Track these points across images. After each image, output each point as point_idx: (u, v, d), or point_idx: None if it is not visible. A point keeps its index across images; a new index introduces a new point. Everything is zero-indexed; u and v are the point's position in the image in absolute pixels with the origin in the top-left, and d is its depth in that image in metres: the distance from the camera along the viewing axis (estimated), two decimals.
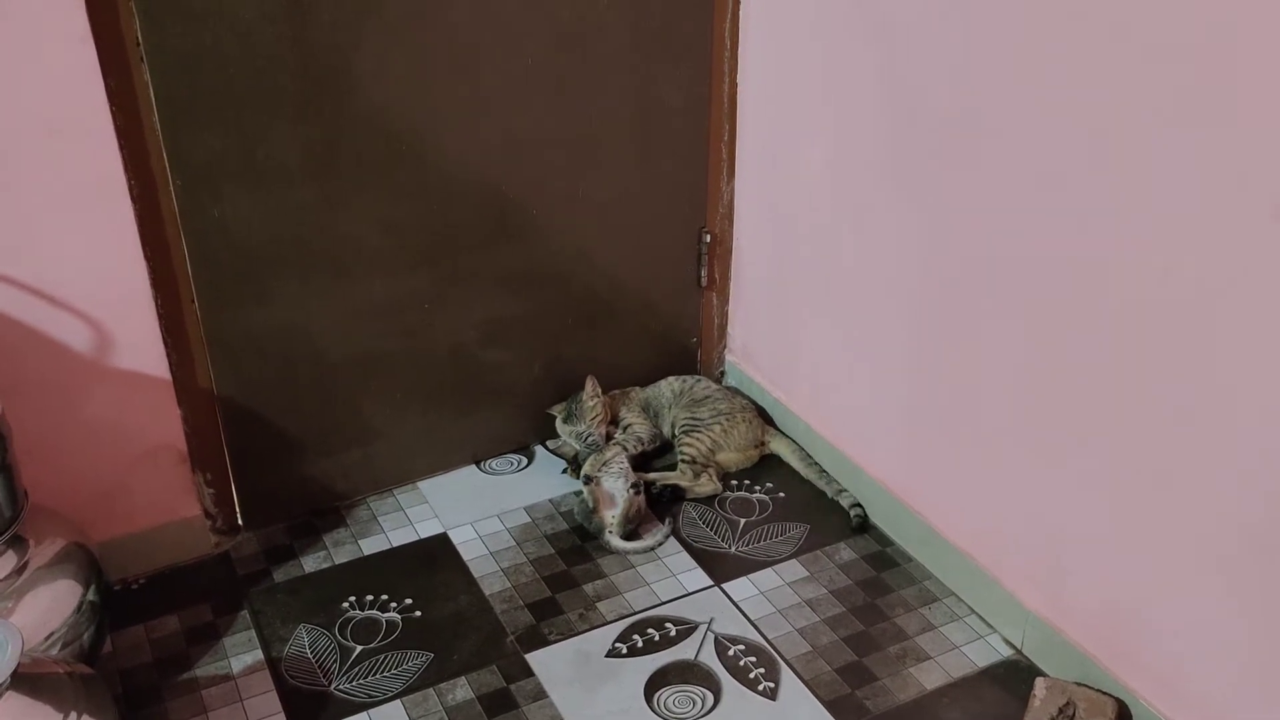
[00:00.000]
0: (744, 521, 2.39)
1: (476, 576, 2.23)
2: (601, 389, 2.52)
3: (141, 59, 1.89)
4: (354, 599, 2.17)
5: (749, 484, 2.51)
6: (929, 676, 2.00)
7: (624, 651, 2.05)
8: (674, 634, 2.09)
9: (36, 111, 1.82)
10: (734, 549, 2.31)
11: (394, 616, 2.13)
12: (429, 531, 2.35)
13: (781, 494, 2.47)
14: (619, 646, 2.07)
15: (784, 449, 2.54)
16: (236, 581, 2.22)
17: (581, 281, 2.52)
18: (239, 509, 2.32)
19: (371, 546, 2.31)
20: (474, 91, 2.21)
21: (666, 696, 1.96)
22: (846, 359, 2.37)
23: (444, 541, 2.33)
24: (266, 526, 2.36)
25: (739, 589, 2.20)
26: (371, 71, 2.09)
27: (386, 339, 2.33)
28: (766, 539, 2.34)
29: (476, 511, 2.41)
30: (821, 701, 1.94)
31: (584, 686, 1.98)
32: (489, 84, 2.22)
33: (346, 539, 2.33)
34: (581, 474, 2.38)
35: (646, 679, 1.99)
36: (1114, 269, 1.69)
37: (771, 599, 2.17)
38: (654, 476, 2.45)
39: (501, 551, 2.30)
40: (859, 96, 2.13)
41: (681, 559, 2.28)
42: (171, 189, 2.00)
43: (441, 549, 2.31)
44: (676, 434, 2.54)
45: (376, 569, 2.25)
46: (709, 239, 2.63)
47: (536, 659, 2.04)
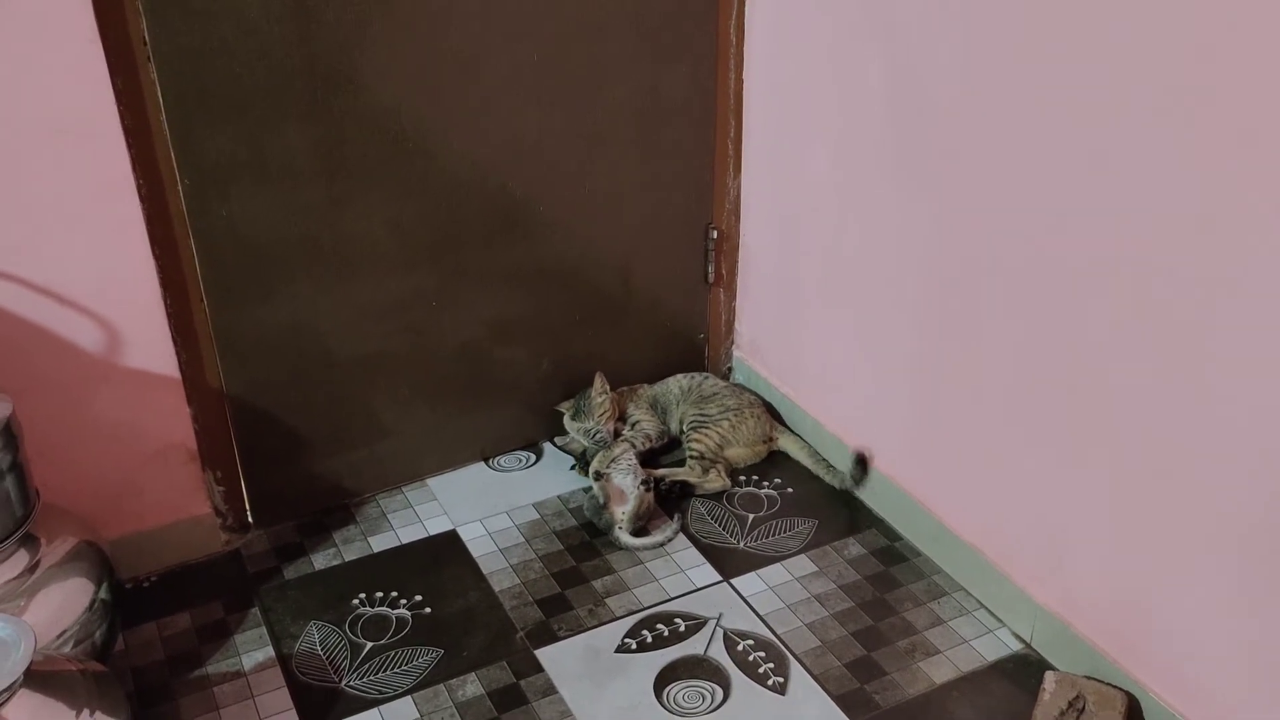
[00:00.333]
0: (752, 517, 2.39)
1: (486, 573, 2.23)
2: (609, 386, 2.53)
3: (149, 58, 1.90)
4: (364, 596, 2.18)
5: (757, 479, 2.51)
6: (938, 671, 2.00)
7: (633, 647, 2.06)
8: (683, 629, 2.10)
9: (44, 111, 1.83)
10: (742, 544, 2.31)
11: (404, 613, 2.14)
12: (438, 529, 2.36)
13: (790, 489, 2.47)
14: (628, 642, 2.07)
15: (791, 445, 2.55)
16: (247, 579, 2.23)
17: (588, 278, 2.52)
18: (249, 507, 2.33)
19: (381, 544, 2.32)
20: (480, 89, 2.21)
21: (676, 692, 1.96)
22: (854, 354, 2.37)
23: (453, 538, 2.33)
24: (276, 524, 2.36)
25: (748, 584, 2.20)
26: (378, 70, 2.10)
27: (394, 337, 2.34)
28: (775, 534, 2.34)
29: (485, 508, 2.42)
30: (831, 696, 1.95)
31: (593, 682, 1.98)
32: (495, 81, 2.22)
33: (356, 536, 2.34)
34: (591, 470, 2.39)
35: (656, 674, 1.99)
36: (1117, 267, 1.69)
37: (780, 594, 2.18)
38: (663, 472, 2.45)
39: (510, 548, 2.30)
40: (865, 92, 2.13)
41: (690, 555, 2.28)
42: (180, 188, 2.01)
43: (450, 546, 2.31)
44: (685, 430, 2.54)
45: (386, 566, 2.26)
46: (716, 235, 2.63)
47: (546, 655, 2.04)
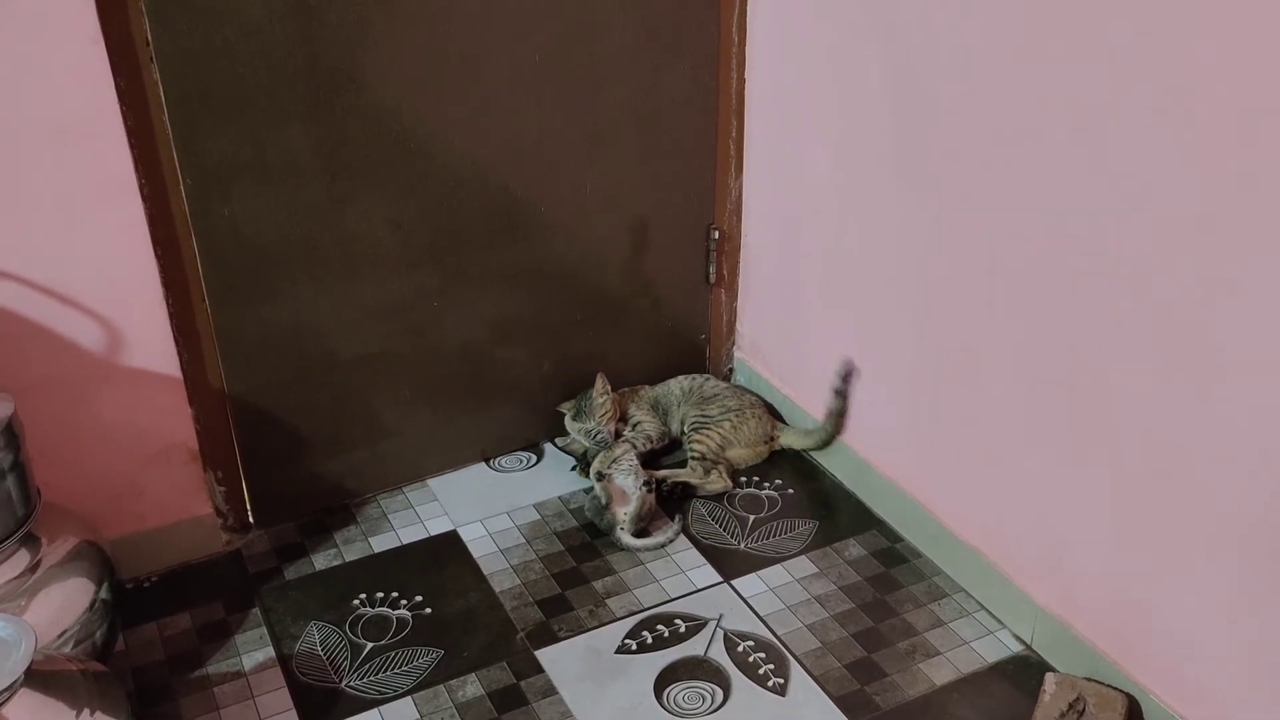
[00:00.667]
0: (753, 518, 2.39)
1: (486, 574, 2.23)
2: (611, 386, 2.53)
3: (151, 59, 1.90)
4: (364, 596, 2.18)
5: (758, 480, 2.51)
6: (939, 672, 2.00)
7: (634, 648, 2.06)
8: (683, 630, 2.10)
9: (47, 111, 1.83)
10: (743, 545, 2.31)
11: (404, 614, 2.14)
12: (439, 529, 2.36)
13: (791, 490, 2.47)
14: (629, 643, 2.07)
15: (792, 438, 2.54)
16: (248, 579, 2.23)
17: (590, 278, 2.52)
18: (250, 507, 2.33)
19: (382, 544, 2.32)
20: (482, 89, 2.21)
21: (676, 693, 1.96)
22: (855, 355, 2.36)
23: (454, 539, 2.33)
24: (277, 524, 2.37)
25: (748, 585, 2.20)
26: (380, 70, 2.10)
27: (396, 337, 2.34)
28: (776, 535, 2.34)
29: (486, 509, 2.42)
30: (831, 697, 1.95)
31: (594, 683, 1.98)
32: (496, 81, 2.22)
33: (357, 536, 2.34)
34: (593, 470, 2.38)
35: (656, 675, 1.99)
36: (1117, 268, 1.69)
37: (781, 595, 2.18)
38: (664, 474, 2.45)
39: (511, 549, 2.30)
40: (866, 92, 2.13)
41: (691, 555, 2.28)
42: (182, 188, 2.01)
43: (451, 546, 2.31)
44: (686, 431, 2.54)
45: (387, 566, 2.26)
46: (717, 235, 2.63)
47: (546, 655, 2.04)
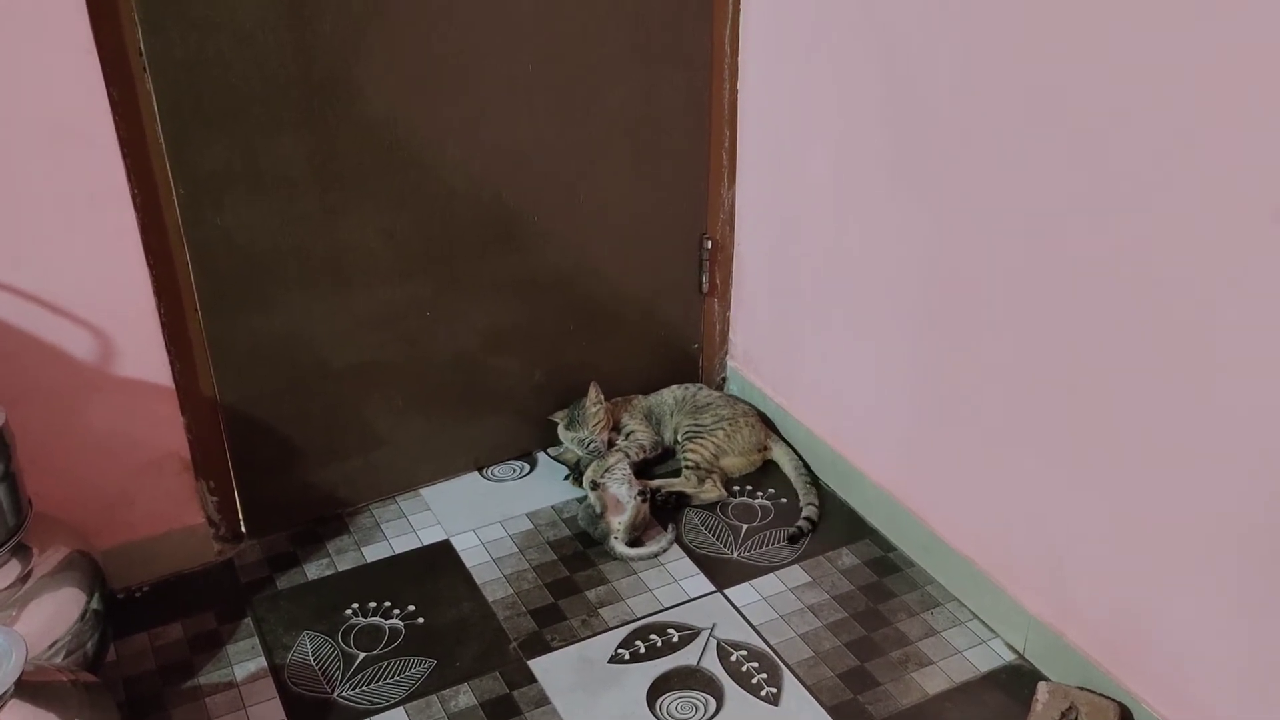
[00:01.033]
0: (746, 527, 2.39)
1: (479, 583, 2.23)
2: (604, 395, 2.53)
3: (144, 69, 1.90)
4: (357, 606, 2.17)
5: (751, 489, 2.51)
6: (931, 681, 2.00)
7: (626, 657, 2.06)
8: (676, 640, 2.10)
9: (40, 121, 1.83)
10: (736, 554, 2.31)
11: (397, 623, 2.13)
12: (431, 538, 2.36)
13: (783, 499, 2.47)
14: (621, 652, 2.07)
15: (782, 458, 2.54)
16: (239, 589, 2.22)
17: (583, 288, 2.52)
18: (242, 517, 2.32)
19: (374, 553, 2.31)
20: (475, 100, 2.22)
21: (669, 702, 1.96)
22: (848, 364, 2.37)
23: (446, 548, 2.33)
24: (269, 534, 2.36)
25: (741, 594, 2.20)
26: (373, 80, 2.10)
27: (389, 347, 2.34)
28: (769, 544, 2.34)
29: (479, 518, 2.42)
30: (824, 707, 1.94)
31: (587, 692, 1.98)
32: (490, 92, 2.22)
33: (349, 546, 2.34)
34: (586, 479, 2.38)
35: (649, 685, 1.99)
36: (1115, 273, 1.69)
37: (774, 604, 2.18)
38: (658, 483, 2.45)
39: (504, 558, 2.30)
40: (860, 102, 2.14)
41: (684, 565, 2.28)
42: (174, 198, 2.01)
43: (444, 556, 2.31)
44: (680, 440, 2.54)
45: (379, 576, 2.26)
46: (710, 245, 2.64)
47: (539, 665, 2.04)
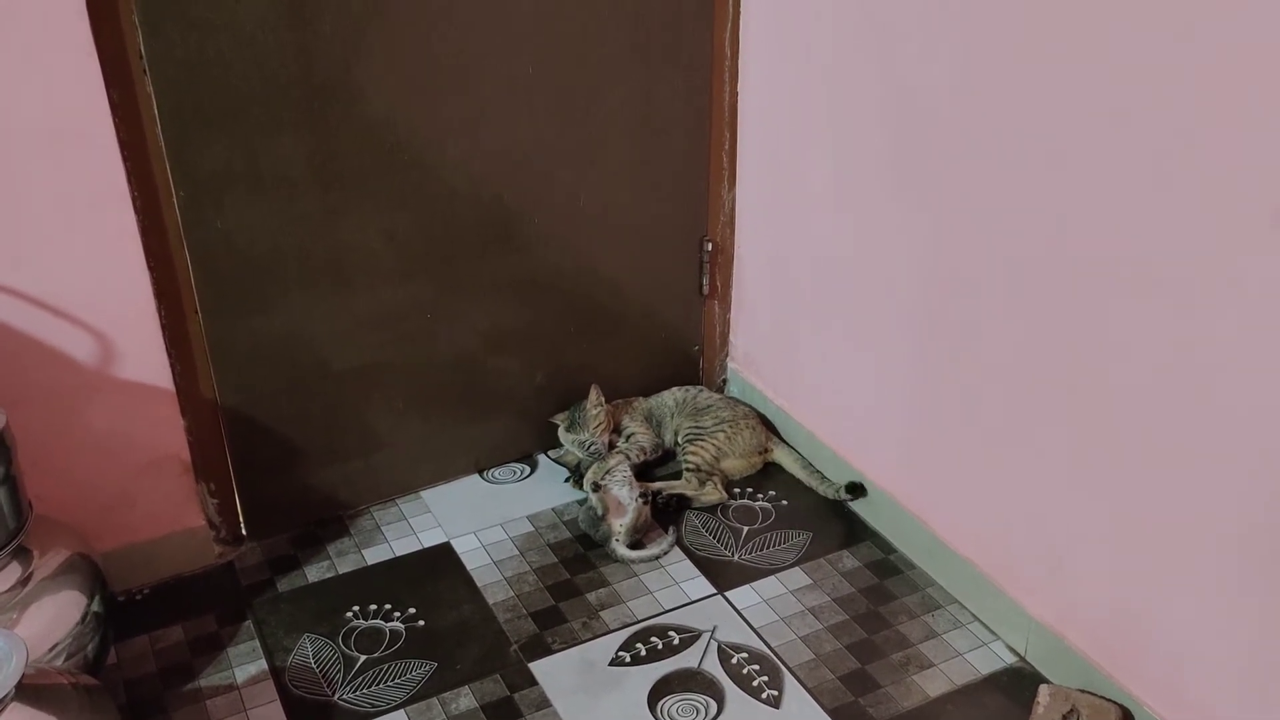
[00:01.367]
0: (747, 529, 2.39)
1: (480, 586, 2.23)
2: (604, 398, 2.52)
3: (144, 71, 1.90)
4: (357, 609, 2.17)
5: (751, 492, 2.51)
6: (932, 684, 2.00)
7: (627, 660, 2.06)
8: (677, 642, 2.09)
9: (40, 123, 1.83)
10: (737, 557, 2.31)
11: (397, 626, 2.13)
12: (432, 541, 2.36)
13: (784, 501, 2.47)
14: (622, 655, 2.07)
15: (785, 458, 2.55)
16: (240, 592, 2.22)
17: (583, 290, 2.52)
18: (243, 519, 2.32)
19: (375, 556, 2.31)
20: (475, 101, 2.22)
21: (670, 705, 1.96)
22: (849, 366, 2.37)
23: (447, 551, 2.33)
24: (270, 536, 2.36)
25: (742, 597, 2.20)
26: (373, 81, 2.10)
27: (389, 348, 2.33)
28: (769, 547, 2.34)
29: (479, 521, 2.41)
30: (825, 709, 1.94)
31: (588, 695, 1.98)
32: (490, 94, 2.22)
33: (350, 549, 2.33)
34: (588, 481, 2.38)
35: (650, 687, 1.99)
36: (1115, 273, 1.69)
37: (774, 607, 2.17)
38: (659, 486, 2.45)
39: (505, 560, 2.30)
40: (859, 104, 2.14)
41: (684, 567, 2.28)
42: (175, 200, 2.01)
43: (445, 558, 2.31)
44: (680, 443, 2.54)
45: (380, 578, 2.25)
46: (710, 247, 2.64)
47: (540, 668, 2.04)
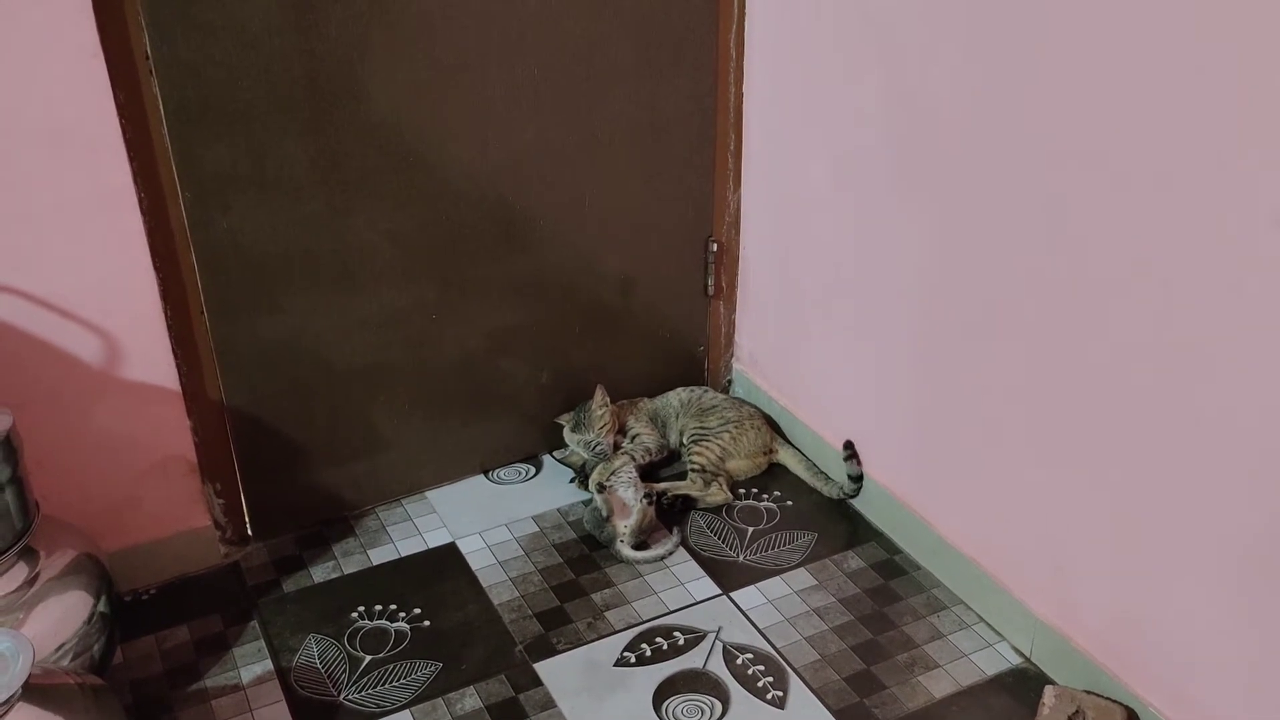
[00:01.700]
0: (752, 530, 2.39)
1: (485, 586, 2.23)
2: (610, 398, 2.53)
3: (151, 72, 1.91)
4: (363, 609, 2.17)
5: (757, 493, 2.51)
6: (938, 685, 2.00)
7: (632, 660, 2.06)
8: (682, 643, 2.10)
9: (47, 124, 1.83)
10: (742, 558, 2.31)
11: (403, 626, 2.13)
12: (437, 541, 2.36)
13: (790, 502, 2.47)
14: (627, 655, 2.07)
15: (790, 459, 2.55)
16: (246, 592, 2.23)
17: (588, 291, 2.53)
18: (248, 519, 2.33)
19: (380, 556, 2.32)
20: (481, 102, 2.22)
21: (675, 705, 1.96)
22: (854, 367, 2.37)
23: (452, 551, 2.33)
24: (276, 537, 2.36)
25: (747, 598, 2.20)
26: (379, 82, 2.10)
27: (394, 349, 2.34)
28: (774, 547, 2.33)
29: (485, 521, 2.42)
30: (830, 710, 1.94)
31: (592, 696, 1.98)
32: (495, 95, 2.23)
33: (355, 549, 2.34)
34: (593, 482, 2.38)
35: (655, 688, 1.99)
36: (1116, 274, 1.69)
37: (779, 607, 2.17)
38: (664, 486, 2.45)
39: (510, 561, 2.30)
40: (864, 105, 2.13)
41: (689, 568, 2.28)
42: (181, 201, 2.01)
43: (450, 559, 2.31)
44: (685, 443, 2.54)
45: (385, 579, 2.26)
46: (716, 248, 2.64)
47: (545, 668, 2.04)
